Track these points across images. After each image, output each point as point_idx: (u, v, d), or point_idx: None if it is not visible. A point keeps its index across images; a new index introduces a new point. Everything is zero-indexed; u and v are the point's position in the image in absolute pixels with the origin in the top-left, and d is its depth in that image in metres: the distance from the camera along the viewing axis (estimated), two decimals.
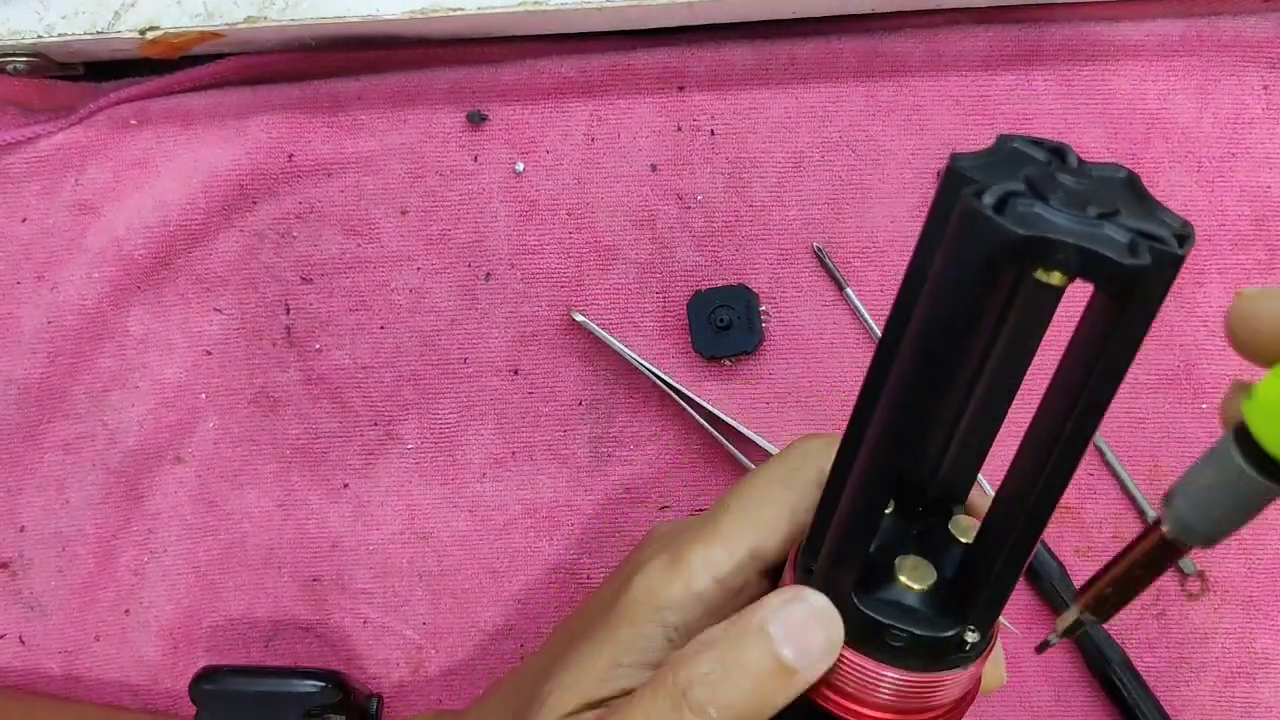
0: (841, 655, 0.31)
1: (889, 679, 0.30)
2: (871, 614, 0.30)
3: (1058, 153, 0.26)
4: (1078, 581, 0.49)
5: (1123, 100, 0.49)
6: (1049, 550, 0.49)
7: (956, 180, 0.25)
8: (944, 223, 0.24)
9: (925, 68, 0.49)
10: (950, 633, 0.30)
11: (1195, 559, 0.49)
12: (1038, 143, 0.26)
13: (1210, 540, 0.25)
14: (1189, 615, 0.49)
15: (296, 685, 0.43)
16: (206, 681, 0.43)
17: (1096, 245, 0.22)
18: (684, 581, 0.34)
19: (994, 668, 0.35)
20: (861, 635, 0.30)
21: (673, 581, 0.34)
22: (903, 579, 0.30)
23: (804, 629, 0.30)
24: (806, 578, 0.32)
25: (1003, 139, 0.26)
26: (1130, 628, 0.49)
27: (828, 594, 0.31)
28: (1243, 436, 0.23)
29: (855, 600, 0.30)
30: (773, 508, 0.34)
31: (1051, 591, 0.49)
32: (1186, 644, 0.49)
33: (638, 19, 0.48)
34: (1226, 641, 0.49)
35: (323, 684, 0.42)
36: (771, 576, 0.35)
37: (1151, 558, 0.26)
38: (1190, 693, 0.49)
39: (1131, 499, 0.49)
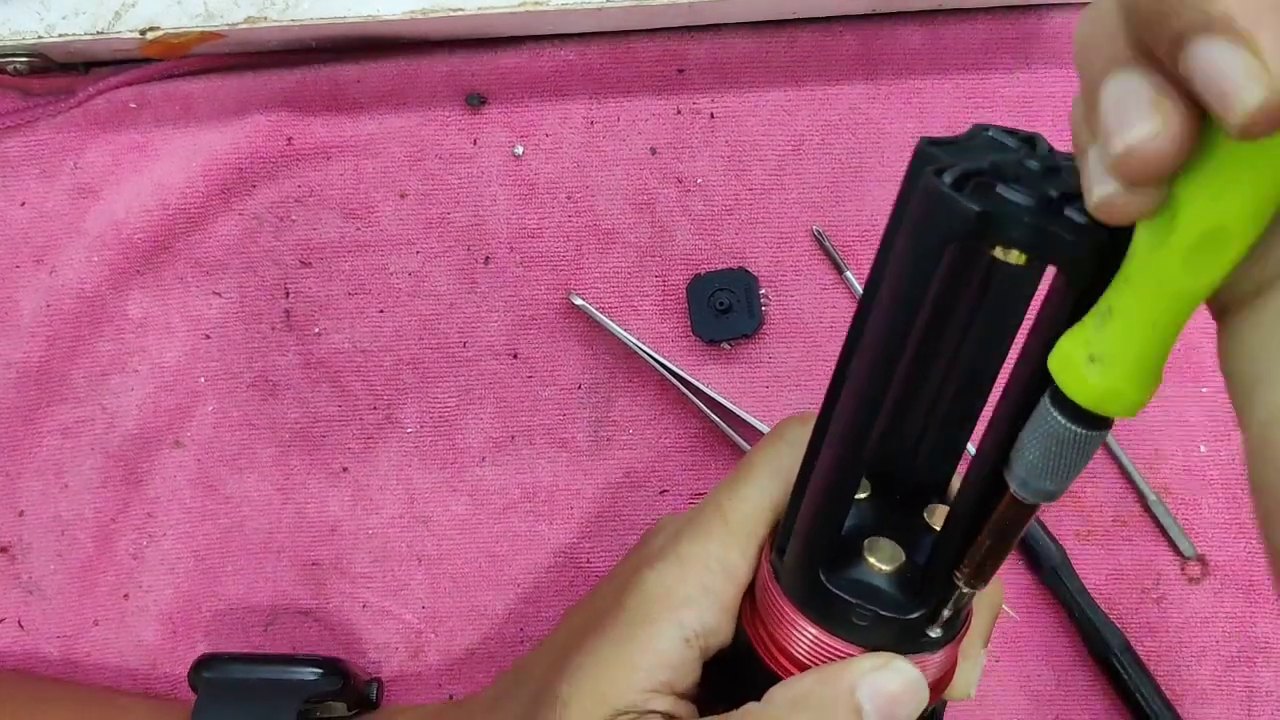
0: (806, 630, 0.31)
1: (826, 646, 0.31)
2: (838, 592, 0.30)
3: (1029, 141, 0.26)
4: (1080, 568, 0.49)
5: None
6: (1049, 534, 0.49)
7: (922, 161, 0.25)
8: (906, 201, 0.25)
9: (925, 52, 0.49)
10: (915, 615, 0.30)
11: (1195, 543, 0.49)
12: (1011, 132, 0.26)
13: (1051, 495, 0.26)
14: (1189, 599, 0.49)
15: (296, 673, 0.42)
16: (206, 669, 0.43)
17: (1052, 222, 0.23)
18: (698, 579, 0.34)
19: (966, 676, 0.34)
20: (827, 612, 0.31)
21: (686, 580, 0.34)
22: (871, 559, 0.31)
23: (894, 702, 0.30)
24: (780, 559, 0.32)
25: (977, 127, 0.27)
26: (1130, 612, 0.49)
27: (797, 574, 0.31)
28: (1054, 391, 0.24)
29: (823, 577, 0.30)
30: (776, 501, 0.34)
31: (1052, 576, 0.48)
32: (1187, 628, 0.49)
33: (638, 19, 0.48)
34: (1227, 626, 0.49)
35: (322, 671, 0.42)
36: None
37: (1006, 520, 0.27)
38: (1190, 677, 0.49)
39: (1131, 483, 0.49)
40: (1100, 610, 0.48)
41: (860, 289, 0.49)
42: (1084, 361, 0.23)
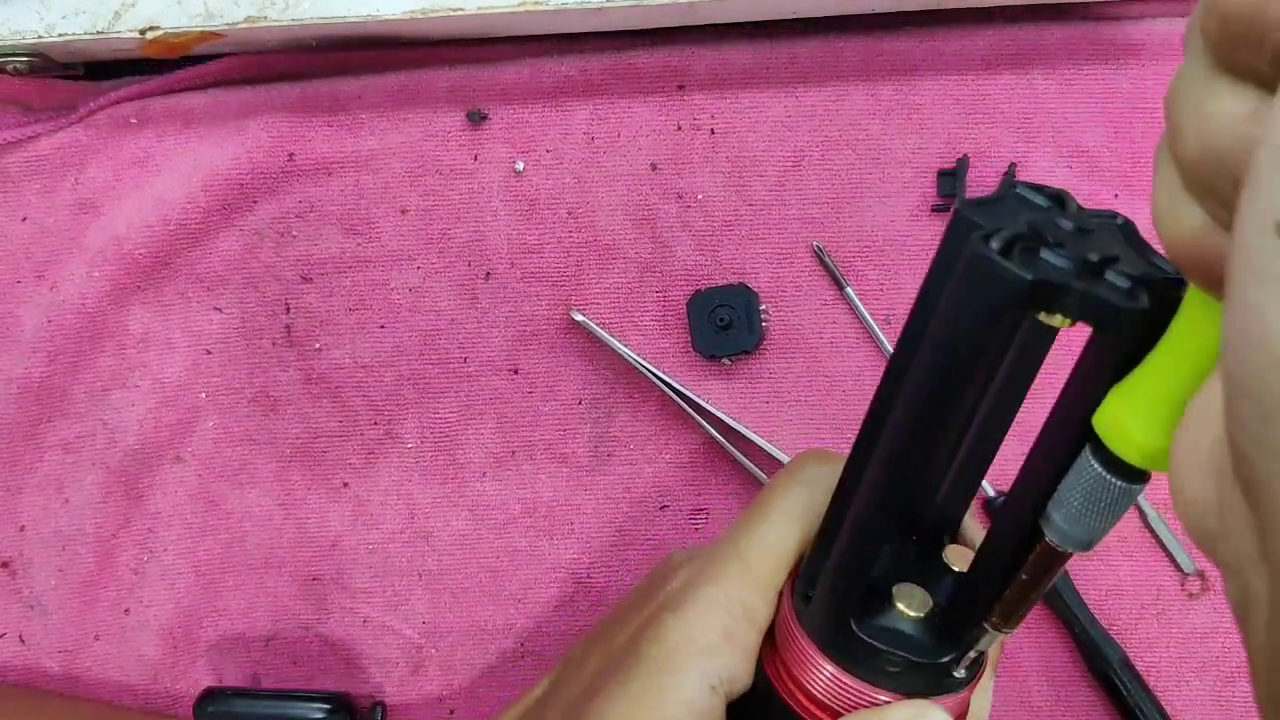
0: (836, 677, 0.31)
1: (882, 703, 0.31)
2: (870, 640, 0.31)
3: (1058, 200, 0.26)
4: (1080, 584, 0.49)
5: (1124, 100, 0.49)
6: None
7: (963, 225, 0.25)
8: (950, 264, 0.25)
9: (926, 66, 0.49)
10: (945, 659, 0.31)
11: (1195, 559, 0.49)
12: (1039, 189, 0.26)
13: (1087, 545, 0.27)
14: (1189, 615, 0.49)
15: (301, 709, 0.42)
16: (210, 703, 0.43)
17: (1100, 291, 0.23)
18: (721, 625, 0.33)
19: (980, 702, 0.35)
20: (856, 658, 0.31)
21: (709, 626, 0.33)
22: (900, 606, 0.31)
23: None
24: (804, 605, 0.32)
25: (1006, 183, 0.27)
26: (1130, 627, 0.49)
27: (826, 621, 0.32)
28: (1097, 446, 0.25)
29: (854, 626, 0.31)
30: (796, 546, 0.34)
31: (1052, 592, 0.49)
32: (1186, 643, 0.49)
33: (638, 19, 0.48)
34: (1226, 641, 0.49)
35: (328, 707, 0.42)
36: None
37: (1041, 567, 0.28)
38: (1190, 692, 0.49)
39: (1136, 505, 0.49)
40: (1100, 626, 0.48)
41: (860, 305, 0.49)
42: (1127, 418, 0.23)
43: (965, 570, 0.32)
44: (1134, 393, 0.24)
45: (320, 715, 0.42)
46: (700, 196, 0.49)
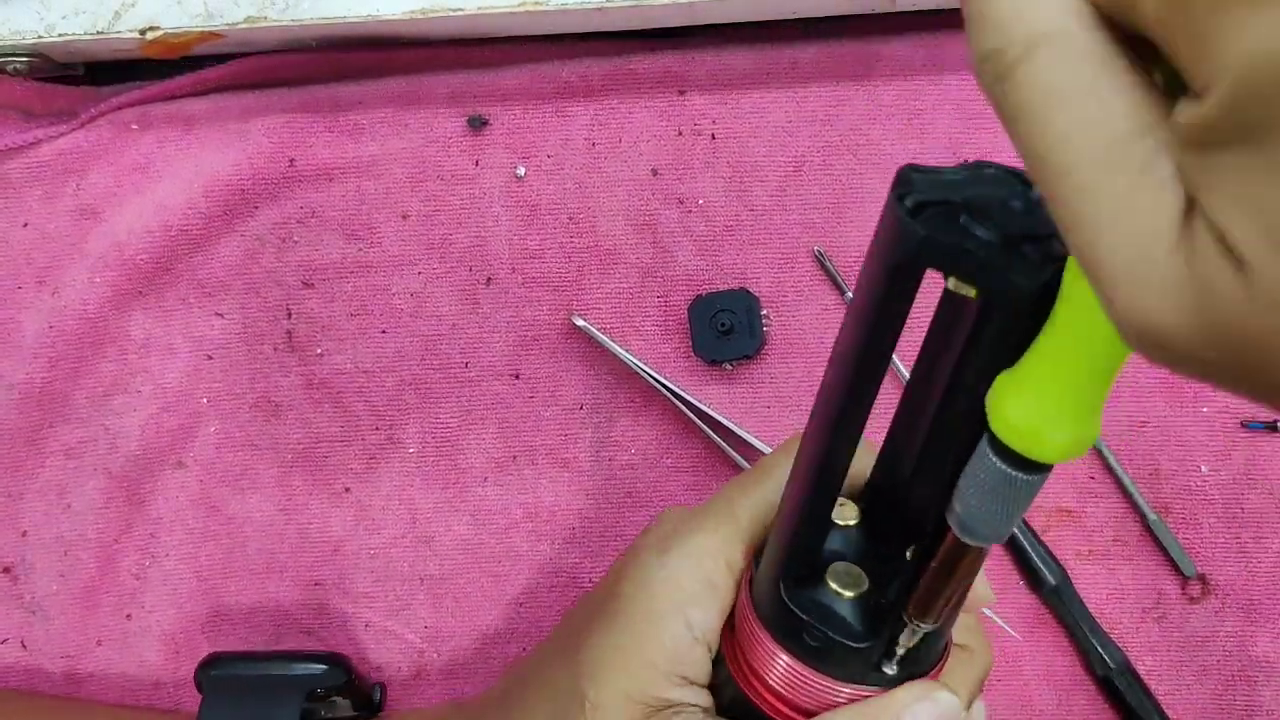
0: (774, 653, 0.32)
1: (787, 668, 0.31)
2: (795, 608, 0.31)
3: (1026, 183, 0.26)
4: (1081, 588, 0.49)
5: None
6: (1050, 554, 0.49)
7: (900, 186, 0.25)
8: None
9: (926, 71, 0.49)
10: (864, 645, 0.30)
11: (1196, 563, 0.49)
12: (1014, 173, 0.26)
13: (991, 537, 0.26)
14: (1189, 619, 0.49)
15: (301, 668, 0.43)
16: (212, 667, 0.44)
17: (1002, 259, 0.23)
18: (703, 575, 0.34)
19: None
20: (785, 628, 0.31)
21: (692, 572, 0.34)
22: (832, 583, 0.31)
23: None
24: (754, 568, 0.33)
25: (980, 164, 0.27)
26: (1131, 631, 0.49)
27: (765, 584, 0.32)
28: (993, 440, 0.24)
29: (782, 591, 0.31)
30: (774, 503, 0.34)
31: (1053, 596, 0.49)
32: (1187, 647, 0.49)
33: (638, 20, 0.48)
34: (1227, 645, 0.49)
35: (326, 666, 0.43)
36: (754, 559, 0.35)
37: (953, 562, 0.27)
38: (1191, 696, 0.49)
39: (1132, 502, 0.49)
40: (1101, 630, 0.48)
41: None
42: (1013, 404, 0.23)
43: (855, 522, 0.32)
44: (1020, 376, 0.23)
45: (317, 673, 0.42)
46: (701, 201, 0.49)
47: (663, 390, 0.48)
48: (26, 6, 0.45)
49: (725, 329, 0.48)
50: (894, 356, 0.35)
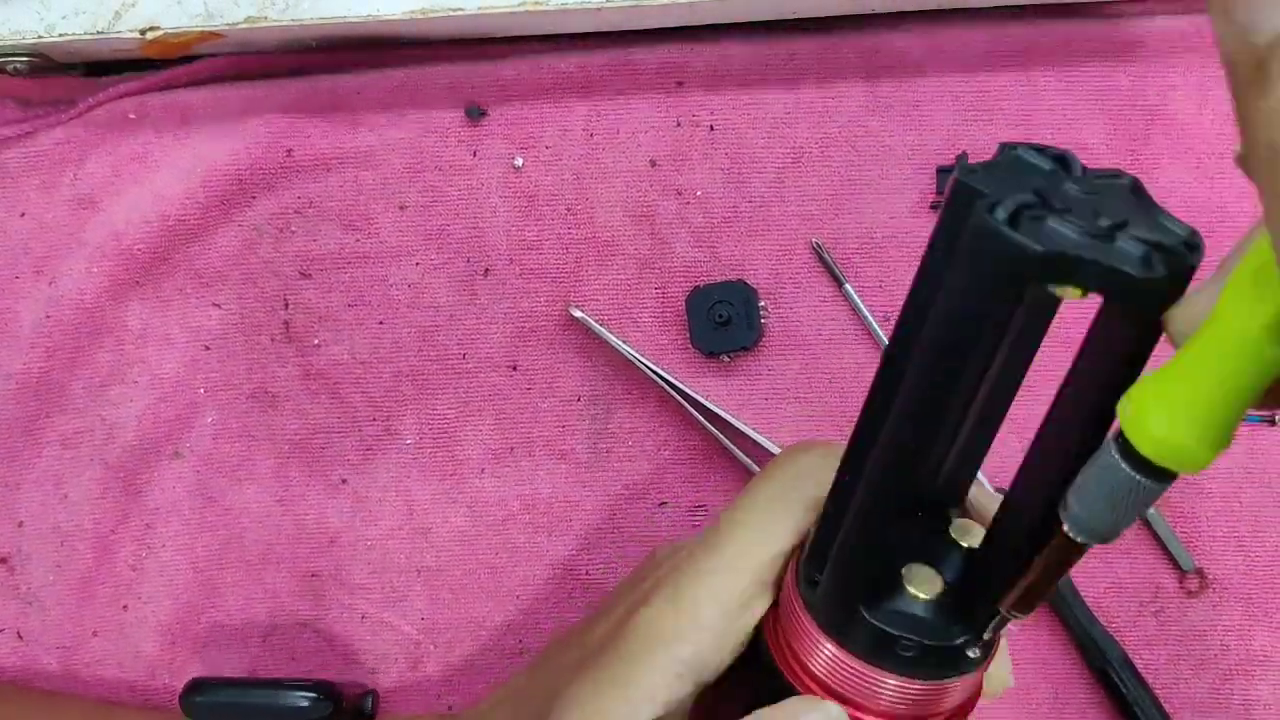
0: (843, 661, 0.31)
1: (891, 686, 0.31)
2: (883, 626, 0.30)
3: (1062, 161, 0.25)
4: (1079, 581, 0.49)
5: (1122, 97, 0.49)
6: None
7: (966, 193, 0.24)
8: (953, 237, 0.24)
9: (925, 63, 0.49)
10: (959, 640, 0.30)
11: (1194, 557, 0.49)
12: (1041, 150, 0.26)
13: (1106, 537, 0.26)
14: (1187, 612, 0.49)
15: (288, 698, 0.42)
16: (197, 694, 0.43)
17: (1114, 261, 0.22)
18: (690, 617, 0.34)
19: (999, 670, 0.35)
20: (868, 644, 0.31)
21: (679, 618, 0.34)
22: (911, 589, 0.30)
23: None
24: (811, 590, 0.32)
25: (1005, 147, 0.26)
26: (1129, 625, 0.49)
27: (834, 606, 0.31)
28: (1122, 441, 0.24)
29: (864, 612, 0.30)
30: (774, 530, 0.34)
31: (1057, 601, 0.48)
32: (1185, 641, 0.49)
33: (637, 19, 0.48)
34: (1225, 639, 0.49)
35: (315, 695, 0.42)
36: (774, 588, 0.35)
37: (1058, 557, 0.27)
38: (1188, 690, 0.49)
39: None
40: (1098, 623, 0.48)
41: (859, 302, 0.49)
42: (1157, 417, 0.22)
43: (975, 546, 0.31)
44: (1164, 389, 0.22)
45: (305, 703, 0.42)
46: (699, 193, 0.49)
47: (660, 382, 0.48)
48: (26, 6, 0.45)
49: (723, 320, 0.48)
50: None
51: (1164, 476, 0.23)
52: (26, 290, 0.49)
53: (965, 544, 0.31)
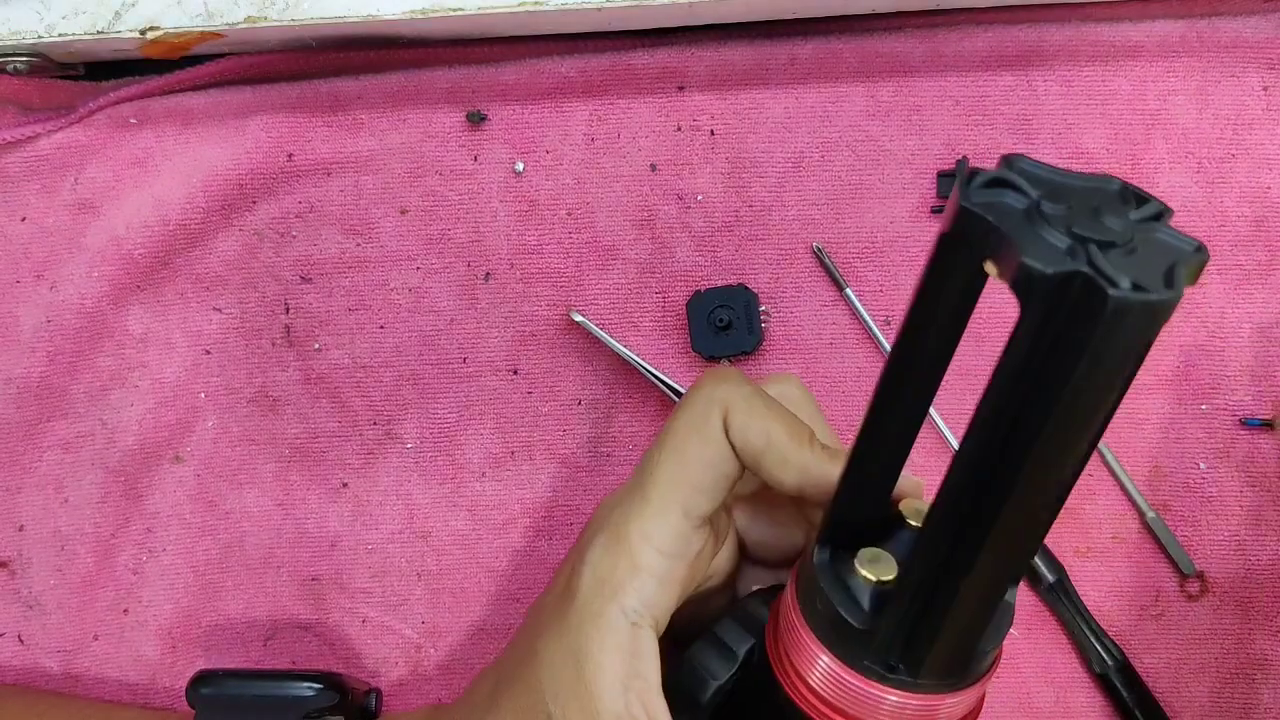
0: (846, 679, 0.31)
1: (891, 703, 0.30)
2: (816, 574, 0.31)
3: (1142, 201, 0.23)
4: (1078, 582, 0.49)
5: (1123, 101, 0.49)
6: (1048, 552, 0.49)
7: (1001, 164, 0.24)
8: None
9: (925, 68, 0.49)
10: (865, 626, 0.29)
11: (1195, 560, 0.49)
12: (1140, 197, 0.24)
13: None
14: (1188, 617, 0.49)
15: (294, 688, 0.42)
16: (203, 685, 0.43)
17: (1028, 246, 0.21)
18: (629, 561, 0.34)
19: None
20: (806, 593, 0.31)
21: (618, 564, 0.34)
22: (858, 565, 0.30)
23: None
24: (809, 602, 0.32)
25: (1107, 178, 0.24)
26: (1130, 629, 0.49)
27: (806, 561, 0.31)
28: None
29: (814, 555, 0.31)
30: (693, 464, 0.34)
31: (1051, 593, 0.48)
32: (1186, 645, 0.49)
33: (638, 19, 0.48)
34: (1225, 643, 0.49)
35: (320, 686, 0.42)
36: (711, 525, 0.35)
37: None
38: (1189, 694, 0.49)
39: (1131, 500, 0.49)
40: (1099, 627, 0.48)
41: (860, 306, 0.49)
42: None
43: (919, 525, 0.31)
44: None
45: (310, 693, 0.42)
46: (700, 197, 0.49)
47: (661, 386, 0.48)
48: (26, 6, 0.45)
49: (723, 325, 0.48)
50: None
51: None
52: (27, 295, 0.49)
53: (914, 524, 0.31)
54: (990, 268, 0.23)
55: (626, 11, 0.46)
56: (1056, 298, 0.21)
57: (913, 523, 0.31)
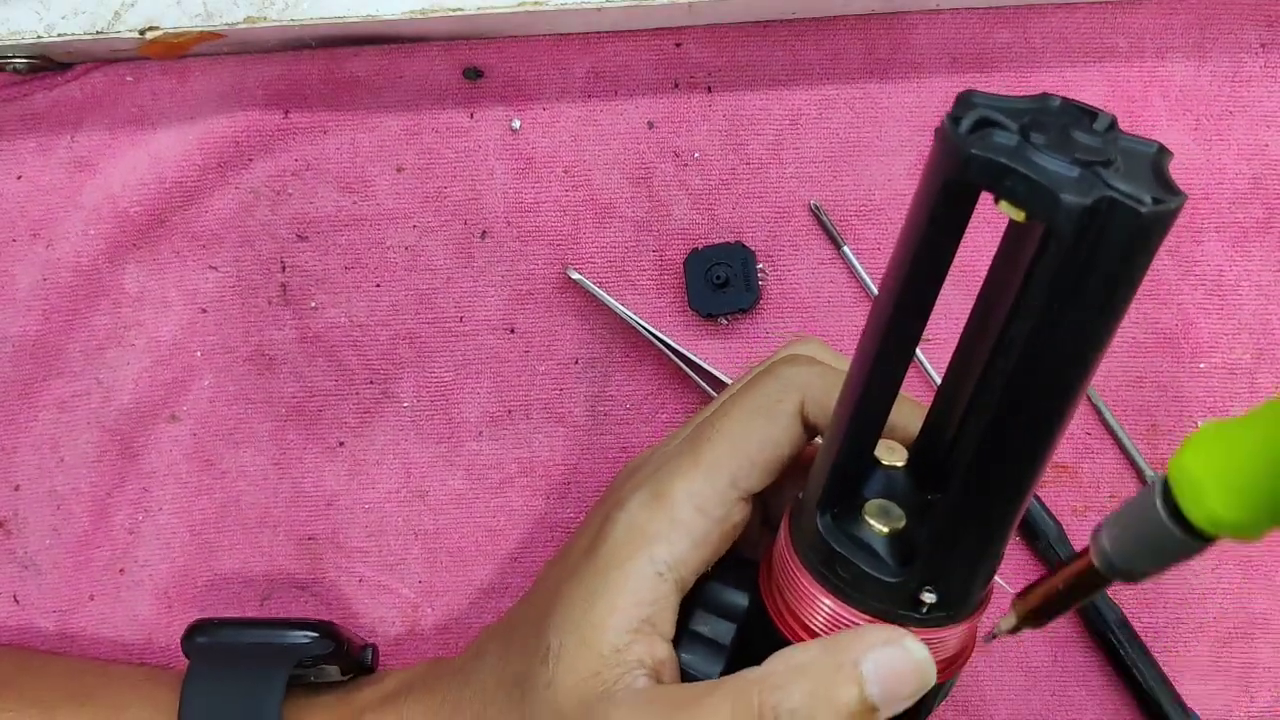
0: (805, 584, 0.31)
1: (824, 606, 0.31)
2: (832, 543, 0.30)
3: (1090, 114, 0.24)
4: (1075, 540, 0.49)
5: (1120, 57, 0.49)
6: (1046, 510, 0.49)
7: (957, 106, 0.24)
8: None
9: (924, 24, 0.49)
10: (897, 579, 0.30)
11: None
12: (1080, 106, 0.25)
13: (1132, 578, 0.25)
14: (1187, 575, 0.49)
15: (288, 636, 0.42)
16: (199, 634, 0.43)
17: (1037, 173, 0.22)
18: (667, 515, 0.34)
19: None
20: (822, 563, 0.31)
21: (655, 516, 0.34)
22: (869, 519, 0.30)
23: (898, 677, 0.30)
24: (804, 538, 0.32)
25: (1046, 96, 0.25)
26: (1127, 587, 0.49)
27: (804, 518, 0.31)
28: (1167, 490, 0.23)
29: (819, 524, 0.30)
30: (754, 439, 0.34)
31: (1048, 551, 0.48)
32: (1184, 604, 0.49)
33: (638, 19, 0.48)
34: (1224, 602, 0.49)
35: (315, 634, 0.42)
36: (753, 503, 0.35)
37: (1079, 582, 0.27)
38: (1188, 652, 0.48)
39: (1129, 458, 0.49)
40: None
41: (858, 264, 0.49)
42: (1216, 494, 0.22)
43: (900, 465, 0.32)
44: (1226, 463, 0.22)
45: (305, 641, 0.42)
46: (697, 155, 0.49)
47: (658, 344, 0.48)
48: (26, 6, 0.45)
49: (721, 283, 0.48)
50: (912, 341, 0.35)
51: (1211, 539, 0.23)
52: (23, 253, 0.49)
53: (889, 463, 0.32)
54: (1008, 208, 0.23)
55: (626, 11, 0.46)
56: (1088, 221, 0.22)
57: (886, 462, 0.32)
